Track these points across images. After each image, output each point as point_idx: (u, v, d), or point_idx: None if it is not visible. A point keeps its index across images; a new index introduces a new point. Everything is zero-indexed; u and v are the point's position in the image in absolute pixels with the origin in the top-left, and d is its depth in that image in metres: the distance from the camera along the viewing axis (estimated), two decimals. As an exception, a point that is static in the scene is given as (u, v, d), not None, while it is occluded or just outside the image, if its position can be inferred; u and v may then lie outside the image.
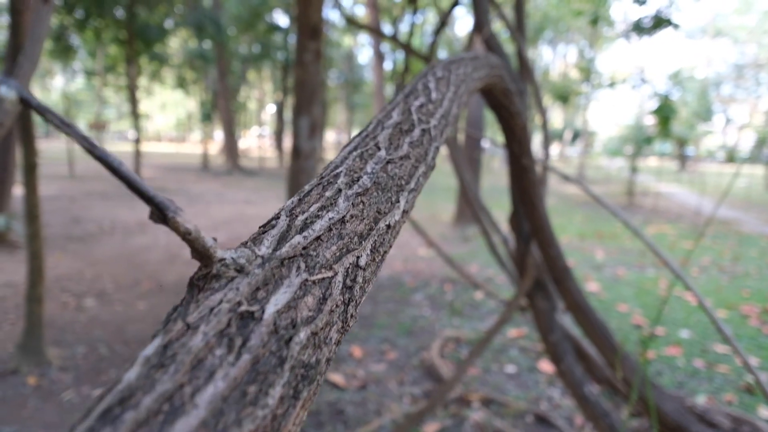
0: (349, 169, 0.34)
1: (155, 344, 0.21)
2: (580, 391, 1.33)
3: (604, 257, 6.29)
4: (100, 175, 14.61)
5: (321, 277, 0.26)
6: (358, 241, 0.29)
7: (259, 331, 0.22)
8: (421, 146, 0.40)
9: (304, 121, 2.36)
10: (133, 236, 6.54)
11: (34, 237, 2.59)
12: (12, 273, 4.47)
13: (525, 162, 1.30)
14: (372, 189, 0.32)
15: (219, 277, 0.25)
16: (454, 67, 0.61)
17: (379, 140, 0.38)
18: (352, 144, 0.39)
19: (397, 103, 0.46)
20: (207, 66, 17.99)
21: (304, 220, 0.29)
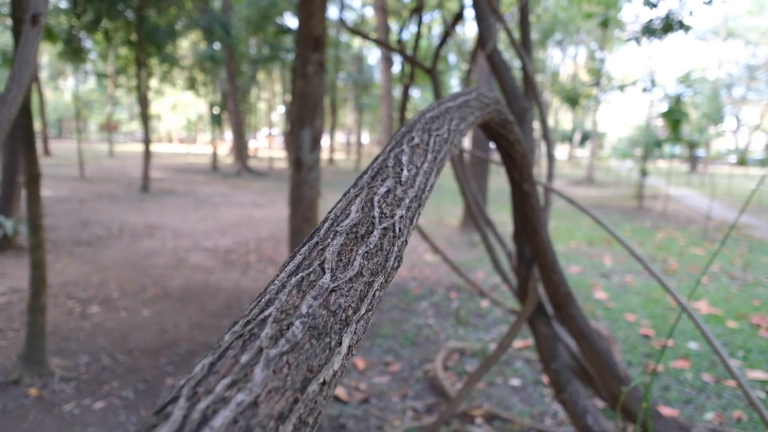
0: (280, 311, 0.28)
1: None
2: (582, 421, 1.29)
3: (613, 263, 6.21)
4: (110, 176, 14.74)
5: None
6: (275, 426, 0.23)
7: None
8: (379, 253, 0.35)
9: (306, 134, 2.34)
10: (140, 240, 6.57)
11: (36, 247, 2.60)
12: (19, 278, 4.50)
13: (526, 188, 1.27)
14: (303, 340, 0.26)
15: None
16: (435, 126, 0.55)
17: (326, 257, 0.32)
18: (297, 260, 0.33)
19: (360, 191, 0.41)
20: (217, 68, 18.08)
21: (205, 411, 0.22)
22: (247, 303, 4.30)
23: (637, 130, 23.34)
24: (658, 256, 6.78)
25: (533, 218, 1.33)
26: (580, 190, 17.70)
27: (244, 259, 5.83)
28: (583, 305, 4.51)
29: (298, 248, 0.34)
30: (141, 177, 11.84)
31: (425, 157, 0.48)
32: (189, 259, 5.71)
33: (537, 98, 1.81)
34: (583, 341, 1.33)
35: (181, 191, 12.16)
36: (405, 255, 6.35)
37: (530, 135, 1.76)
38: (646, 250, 7.20)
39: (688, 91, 12.32)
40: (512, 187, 1.30)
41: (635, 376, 3.17)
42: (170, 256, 5.77)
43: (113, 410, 2.54)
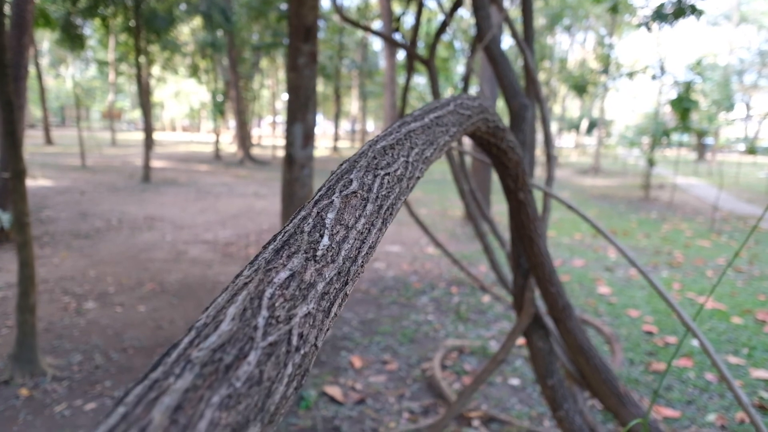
0: None
1: None
2: (579, 441, 1.23)
3: (617, 256, 6.11)
4: (112, 166, 14.71)
5: None
6: None
7: None
8: (254, 389, 0.23)
9: (297, 129, 2.25)
10: (140, 232, 6.53)
11: (24, 245, 2.54)
12: (15, 273, 4.47)
13: (522, 197, 1.18)
14: None
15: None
16: (387, 161, 0.43)
17: (154, 418, 0.20)
18: (105, 429, 0.20)
19: (250, 278, 0.29)
20: (219, 54, 17.90)
21: None
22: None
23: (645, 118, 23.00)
24: (663, 248, 6.67)
25: (529, 228, 1.24)
26: (587, 179, 17.51)
27: (243, 253, 5.78)
28: (586, 300, 4.43)
29: (131, 386, 0.23)
30: (142, 167, 11.79)
31: (363, 209, 0.37)
32: (188, 252, 5.66)
33: (538, 94, 1.71)
34: (582, 356, 1.26)
35: (183, 181, 12.11)
36: (407, 248, 6.27)
37: (531, 133, 1.67)
38: (651, 242, 7.09)
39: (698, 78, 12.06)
40: (507, 196, 1.22)
41: (637, 374, 3.10)
42: (169, 250, 5.72)
43: (104, 411, 2.50)
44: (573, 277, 5.09)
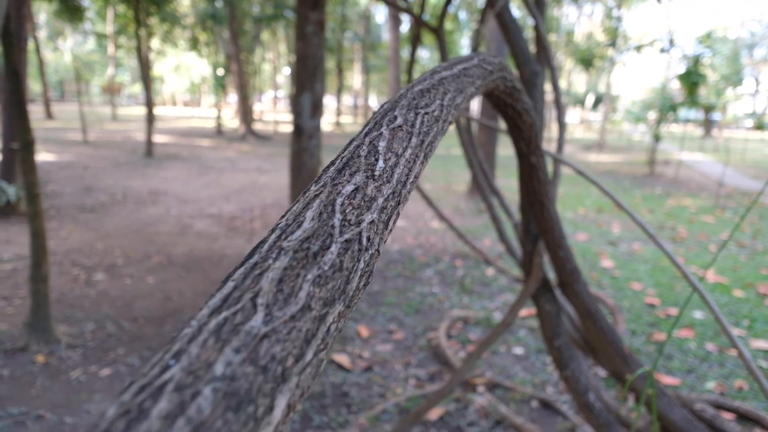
0: (186, 372, 0.20)
1: None
2: (584, 399, 1.26)
3: (621, 231, 6.13)
4: (113, 141, 14.66)
5: None
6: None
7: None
8: (338, 274, 0.28)
9: (306, 99, 2.24)
10: (144, 206, 6.56)
11: (35, 215, 2.57)
12: (24, 245, 4.52)
13: (533, 160, 1.19)
14: (214, 416, 0.18)
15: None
16: (425, 101, 0.46)
17: (263, 287, 0.24)
18: (223, 292, 0.25)
19: (320, 191, 0.34)
20: (219, 27, 17.61)
21: None
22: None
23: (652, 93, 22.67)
24: (667, 223, 6.68)
25: (540, 192, 1.25)
26: (591, 155, 17.39)
27: (248, 226, 5.81)
28: (589, 274, 4.47)
29: (233, 270, 0.27)
30: (144, 142, 11.75)
31: (409, 141, 0.40)
32: (193, 226, 5.70)
33: (549, 61, 1.70)
34: (588, 319, 1.28)
35: (185, 156, 12.08)
36: (411, 222, 6.30)
37: (541, 101, 1.66)
38: (655, 217, 7.10)
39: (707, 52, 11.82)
40: (519, 160, 1.22)
41: (639, 345, 3.15)
42: (174, 223, 5.76)
43: (119, 377, 2.57)
44: (577, 251, 5.12)
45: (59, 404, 2.32)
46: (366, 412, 2.35)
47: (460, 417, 2.34)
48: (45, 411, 2.26)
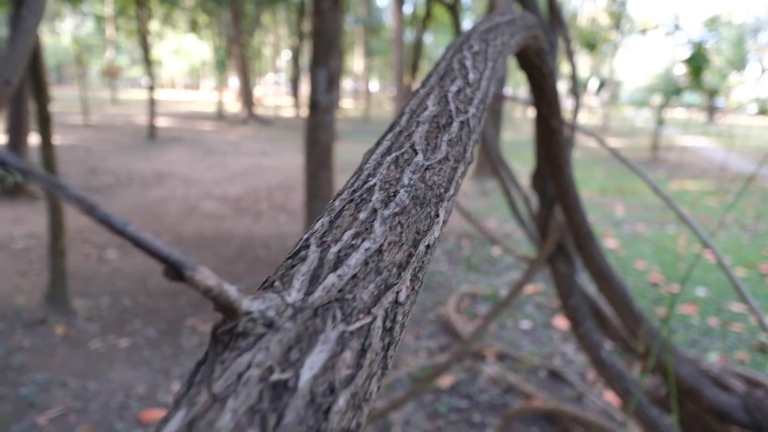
0: (383, 181, 0.31)
1: (178, 419, 0.18)
2: (597, 354, 1.32)
3: (625, 213, 6.18)
4: (114, 124, 14.64)
5: (359, 326, 0.23)
6: (397, 272, 0.26)
7: (295, 404, 0.19)
8: (459, 143, 0.37)
9: (321, 74, 2.27)
10: (150, 188, 6.60)
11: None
12: (34, 224, 4.58)
13: (554, 124, 1.22)
14: (410, 206, 0.30)
15: (246, 334, 0.21)
16: (491, 37, 0.55)
17: (415, 140, 0.35)
18: (385, 144, 0.35)
19: (431, 89, 0.42)
20: (220, 9, 17.43)
21: (338, 253, 0.26)
22: (260, 249, 4.36)
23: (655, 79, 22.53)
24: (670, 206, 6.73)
25: (559, 156, 1.29)
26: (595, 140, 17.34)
27: (255, 207, 5.86)
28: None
29: (382, 136, 0.35)
30: (146, 125, 11.74)
31: (485, 64, 0.48)
32: (200, 206, 5.75)
33: (565, 31, 1.72)
34: (602, 279, 1.34)
35: (188, 139, 12.08)
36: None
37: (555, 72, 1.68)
38: (658, 200, 7.14)
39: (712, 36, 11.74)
40: (539, 123, 1.26)
41: (643, 320, 3.23)
42: (181, 204, 5.81)
43: (137, 348, 2.65)
44: (580, 232, 5.18)
45: (81, 372, 2.39)
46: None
47: (471, 385, 2.41)
48: (68, 378, 2.34)
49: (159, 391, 2.28)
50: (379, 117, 23.12)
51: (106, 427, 2.04)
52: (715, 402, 1.35)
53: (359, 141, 13.46)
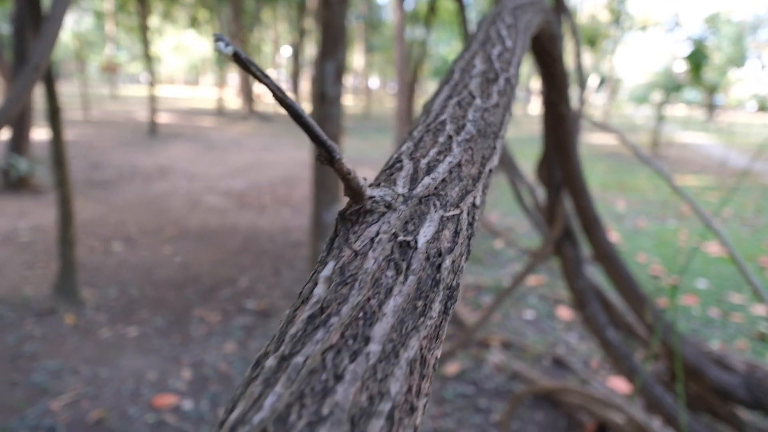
0: (452, 117, 0.37)
1: (330, 267, 0.26)
2: (603, 335, 1.36)
3: (626, 208, 6.22)
4: (115, 120, 14.64)
5: (452, 214, 0.31)
6: (473, 183, 0.33)
7: (417, 257, 0.27)
8: (505, 95, 0.43)
9: (329, 66, 2.30)
10: (153, 182, 6.63)
11: (62, 182, 2.64)
12: (39, 217, 4.61)
13: (562, 110, 1.26)
14: (476, 136, 0.36)
15: (371, 212, 0.29)
16: (519, 13, 0.61)
17: (472, 89, 0.41)
18: (444, 93, 0.41)
19: (476, 52, 0.48)
20: (220, 5, 17.41)
21: (428, 164, 0.33)
22: (265, 242, 4.40)
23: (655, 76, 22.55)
24: (671, 201, 6.77)
25: (567, 141, 1.33)
26: (595, 136, 17.38)
27: (258, 202, 5.89)
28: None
29: (438, 89, 0.40)
30: (147, 121, 11.75)
31: (517, 35, 0.54)
32: (204, 201, 5.78)
33: (571, 20, 1.76)
34: (608, 262, 1.37)
35: (189, 135, 12.10)
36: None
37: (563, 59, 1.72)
38: (659, 195, 7.18)
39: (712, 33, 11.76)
40: (547, 110, 1.29)
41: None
42: (185, 198, 5.84)
43: (146, 337, 2.68)
44: (582, 226, 5.22)
45: (92, 359, 2.43)
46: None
47: (477, 372, 2.45)
48: (79, 365, 2.37)
49: (170, 378, 2.31)
50: (379, 114, 23.12)
51: (119, 411, 2.07)
52: (718, 381, 1.39)
53: (361, 137, 13.47)
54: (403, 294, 0.25)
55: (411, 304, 0.25)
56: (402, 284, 0.25)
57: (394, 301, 0.25)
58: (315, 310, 0.24)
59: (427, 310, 0.25)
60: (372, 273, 0.25)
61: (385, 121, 18.65)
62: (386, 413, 0.19)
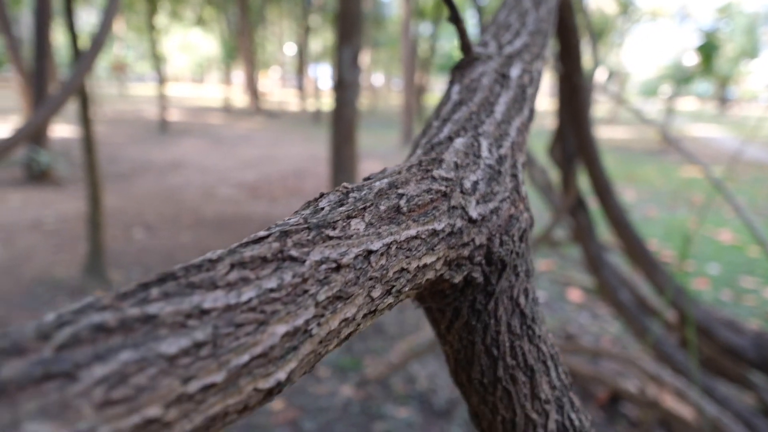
0: (518, 18, 0.54)
1: (457, 86, 0.41)
2: (616, 296, 1.43)
3: (636, 198, 6.24)
4: (125, 118, 14.82)
5: (528, 67, 0.45)
6: (537, 55, 0.47)
7: (511, 83, 0.42)
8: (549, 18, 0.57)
9: (347, 51, 2.38)
10: (167, 176, 6.75)
11: (91, 167, 2.75)
12: (62, 207, 4.74)
13: (576, 80, 1.32)
14: (534, 32, 0.50)
15: (478, 59, 0.44)
16: None
17: (527, 7, 0.56)
18: (504, 11, 0.56)
19: (510, 9, 0.60)
20: (227, 2, 17.53)
21: (508, 41, 0.48)
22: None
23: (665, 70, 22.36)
24: (682, 191, 6.78)
25: (581, 112, 1.39)
26: (606, 130, 17.30)
27: (270, 193, 5.99)
28: (604, 235, 4.61)
29: (495, 16, 0.50)
30: (157, 118, 11.90)
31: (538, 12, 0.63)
32: (217, 192, 5.89)
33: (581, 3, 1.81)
34: (621, 228, 1.44)
35: (199, 132, 12.24)
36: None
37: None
38: (670, 186, 7.19)
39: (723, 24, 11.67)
40: (562, 81, 1.36)
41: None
42: (199, 190, 5.95)
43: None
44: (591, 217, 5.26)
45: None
46: (402, 342, 2.54)
47: (490, 347, 2.52)
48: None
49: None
50: (385, 110, 23.16)
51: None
52: (728, 341, 1.45)
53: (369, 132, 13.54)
54: (508, 96, 0.40)
55: (513, 103, 0.39)
56: (506, 93, 0.40)
57: (504, 98, 0.39)
58: (455, 102, 0.38)
59: (521, 108, 0.40)
60: (487, 86, 0.40)
61: (390, 117, 18.71)
62: (510, 143, 0.31)
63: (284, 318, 0.19)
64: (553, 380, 0.32)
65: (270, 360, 0.18)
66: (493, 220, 0.30)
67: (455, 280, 0.28)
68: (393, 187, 0.27)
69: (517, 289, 0.31)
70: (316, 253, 0.21)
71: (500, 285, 0.29)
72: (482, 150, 0.34)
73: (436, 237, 0.26)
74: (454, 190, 0.29)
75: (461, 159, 0.32)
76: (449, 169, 0.30)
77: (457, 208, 0.28)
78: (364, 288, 0.22)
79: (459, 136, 0.35)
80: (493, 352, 0.30)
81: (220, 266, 0.20)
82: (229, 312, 0.18)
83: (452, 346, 0.32)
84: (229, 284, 0.19)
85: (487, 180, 0.32)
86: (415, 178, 0.28)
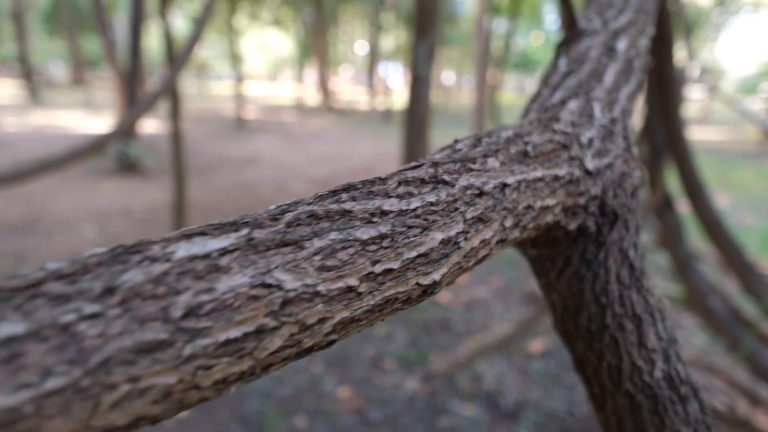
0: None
1: (565, 58, 0.44)
2: (705, 304, 1.34)
3: (730, 204, 5.74)
4: (203, 117, 15.82)
5: (634, 42, 0.48)
6: (642, 32, 0.51)
7: (619, 57, 0.44)
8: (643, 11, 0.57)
9: (423, 47, 2.41)
10: (243, 170, 7.15)
11: (178, 160, 2.99)
12: (149, 197, 5.17)
13: (667, 71, 1.26)
14: (638, 9, 0.52)
15: (584, 34, 0.46)
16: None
17: None
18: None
19: None
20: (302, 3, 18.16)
21: (613, 18, 0.50)
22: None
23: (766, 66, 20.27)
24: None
25: (671, 105, 1.32)
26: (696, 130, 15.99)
27: (339, 187, 6.16)
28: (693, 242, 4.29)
29: None
30: (234, 116, 12.59)
31: None
32: (289, 187, 6.15)
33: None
34: (713, 228, 1.35)
35: (273, 129, 12.81)
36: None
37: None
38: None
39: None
40: (652, 73, 1.30)
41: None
42: (273, 184, 6.25)
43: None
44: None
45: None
46: (470, 339, 2.54)
47: (563, 351, 2.45)
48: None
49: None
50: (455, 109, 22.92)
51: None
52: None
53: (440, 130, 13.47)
54: (616, 67, 0.41)
55: (621, 74, 0.41)
56: (614, 64, 0.41)
57: (612, 69, 0.41)
58: (564, 72, 0.40)
59: (629, 79, 0.41)
60: (595, 57, 0.42)
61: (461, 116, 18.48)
62: (620, 108, 0.31)
63: (441, 227, 0.23)
64: (660, 332, 0.33)
65: (429, 261, 0.22)
66: (608, 174, 0.31)
67: (570, 227, 0.30)
68: (518, 136, 0.30)
69: (627, 242, 0.32)
70: (463, 179, 0.25)
71: (611, 236, 0.30)
72: (595, 112, 0.36)
73: (557, 182, 0.29)
74: (572, 142, 0.31)
75: (576, 118, 0.34)
76: (567, 124, 0.32)
77: (575, 159, 0.30)
78: (499, 215, 0.25)
79: (571, 100, 0.36)
80: (602, 301, 0.31)
81: (390, 182, 0.24)
82: (402, 216, 0.22)
83: (561, 294, 0.34)
84: (399, 195, 0.23)
85: (601, 138, 0.33)
86: (537, 131, 0.30)
